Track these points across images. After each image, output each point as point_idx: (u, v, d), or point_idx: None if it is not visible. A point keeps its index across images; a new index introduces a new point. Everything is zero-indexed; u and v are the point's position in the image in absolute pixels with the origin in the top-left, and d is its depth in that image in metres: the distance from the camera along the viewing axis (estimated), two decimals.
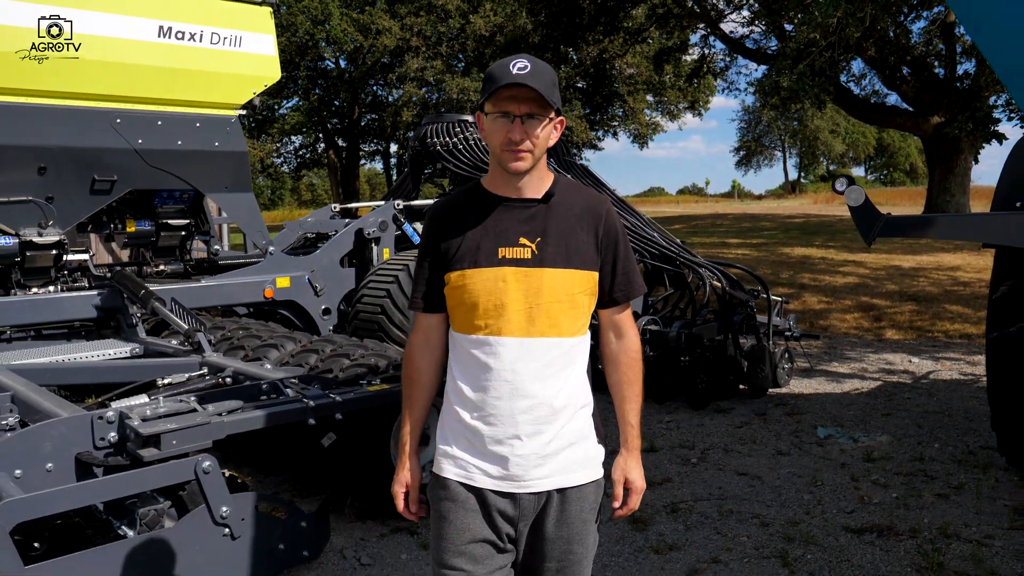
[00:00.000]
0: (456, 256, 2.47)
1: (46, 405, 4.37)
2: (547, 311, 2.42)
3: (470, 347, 2.47)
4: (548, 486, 2.46)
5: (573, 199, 2.54)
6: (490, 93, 2.37)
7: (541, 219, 2.47)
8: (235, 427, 4.24)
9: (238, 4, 7.49)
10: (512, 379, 2.42)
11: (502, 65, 2.38)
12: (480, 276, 2.43)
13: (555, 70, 2.45)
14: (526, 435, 2.43)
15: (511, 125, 2.37)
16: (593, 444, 2.58)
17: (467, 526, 2.47)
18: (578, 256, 2.45)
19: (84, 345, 6.50)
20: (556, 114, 2.44)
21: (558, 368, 2.46)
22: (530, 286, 2.42)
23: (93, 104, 6.71)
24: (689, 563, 4.60)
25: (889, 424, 7.16)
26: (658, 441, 6.80)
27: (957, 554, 4.61)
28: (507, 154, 2.40)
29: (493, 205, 2.50)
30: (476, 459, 2.48)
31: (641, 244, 9.09)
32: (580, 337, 2.52)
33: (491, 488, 2.46)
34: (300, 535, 4.44)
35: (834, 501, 5.46)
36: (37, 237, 6.59)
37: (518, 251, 2.43)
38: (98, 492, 3.78)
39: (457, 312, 2.51)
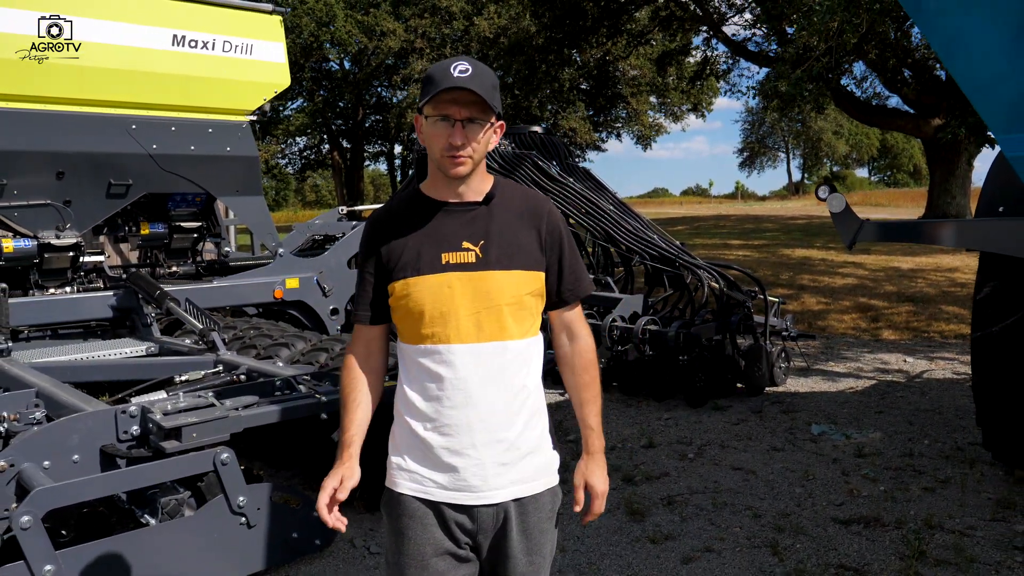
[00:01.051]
0: (399, 265, 2.41)
1: (71, 400, 4.60)
2: (495, 315, 2.37)
3: (419, 357, 2.42)
4: (506, 496, 2.41)
5: (514, 199, 2.50)
6: (430, 96, 2.31)
7: (483, 221, 2.42)
8: (251, 421, 4.47)
9: (249, 13, 7.72)
10: (464, 387, 2.36)
11: (442, 68, 2.32)
12: (425, 284, 2.37)
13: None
14: (482, 444, 2.38)
15: (451, 129, 2.32)
16: (549, 450, 2.53)
17: (426, 540, 2.41)
18: (522, 256, 2.41)
19: (101, 344, 6.72)
20: (497, 118, 2.39)
21: (511, 373, 2.41)
22: (476, 290, 2.36)
23: (110, 111, 6.94)
24: (683, 552, 4.81)
25: (881, 421, 7.37)
26: (656, 437, 7.01)
27: (940, 543, 4.82)
28: (447, 159, 2.34)
29: (433, 210, 2.44)
30: (431, 471, 2.41)
31: (641, 246, 9.31)
32: (531, 339, 2.48)
33: (447, 501, 2.40)
34: (313, 524, 4.66)
35: (824, 494, 5.67)
36: (55, 239, 6.81)
37: (462, 255, 2.38)
38: (123, 481, 4.01)
39: (404, 323, 2.45)
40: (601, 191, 10.46)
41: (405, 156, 48.39)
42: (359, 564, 4.72)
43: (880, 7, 13.46)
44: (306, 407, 4.74)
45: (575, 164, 11.08)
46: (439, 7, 37.15)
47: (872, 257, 19.24)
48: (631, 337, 8.31)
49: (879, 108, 28.14)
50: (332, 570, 4.66)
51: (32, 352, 6.40)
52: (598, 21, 28.77)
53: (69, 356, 6.23)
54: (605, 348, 8.51)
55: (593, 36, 30.13)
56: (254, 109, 7.87)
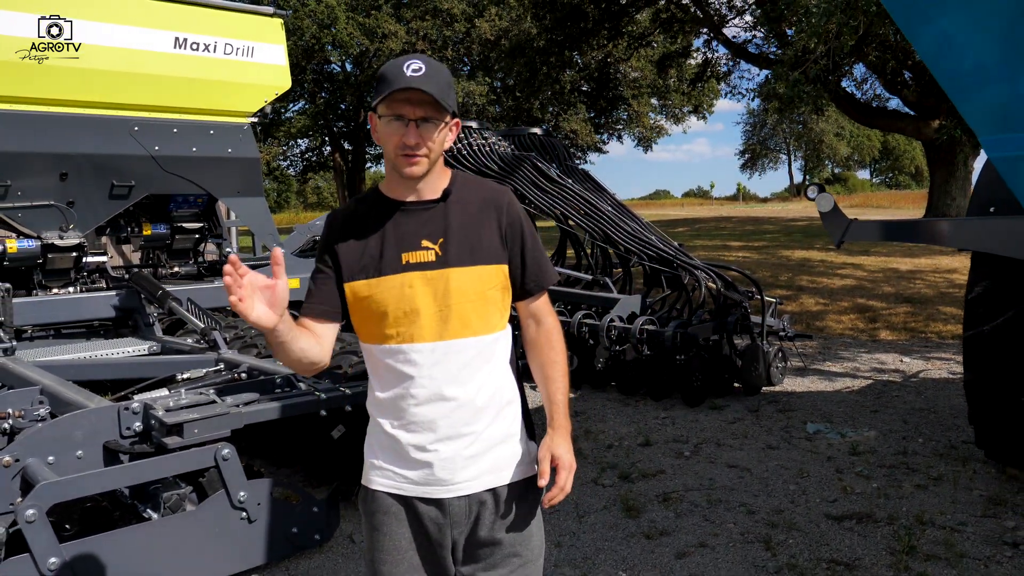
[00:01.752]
0: (360, 266, 2.39)
1: (75, 397, 4.67)
2: (458, 312, 2.36)
3: (383, 357, 2.41)
4: (477, 487, 2.42)
5: (472, 194, 2.47)
6: (383, 96, 2.28)
7: (441, 219, 2.41)
8: (252, 417, 4.54)
9: (250, 16, 7.80)
10: (429, 384, 2.36)
11: (395, 66, 2.29)
12: (386, 284, 2.36)
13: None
14: (448, 438, 2.38)
15: (405, 129, 2.29)
16: (524, 440, 2.53)
17: (401, 535, 2.44)
18: (483, 251, 2.39)
19: (103, 343, 6.79)
20: (452, 117, 2.37)
21: (476, 368, 2.40)
22: (438, 288, 2.36)
23: (112, 113, 7.01)
24: (678, 547, 4.88)
25: (876, 420, 7.44)
26: (653, 436, 7.08)
27: (930, 539, 4.89)
28: (401, 159, 2.32)
29: (392, 210, 2.43)
30: (401, 468, 2.43)
31: (639, 247, 9.39)
32: (497, 333, 2.47)
33: (418, 496, 2.42)
34: (312, 520, 4.74)
35: (818, 491, 5.74)
36: (58, 240, 6.88)
37: (421, 254, 2.37)
38: (127, 476, 4.09)
39: (366, 323, 2.43)
40: (600, 192, 10.54)
41: None
42: (358, 559, 4.79)
43: (877, 9, 13.54)
44: (306, 404, 4.81)
45: (574, 166, 11.17)
46: (440, 9, 37.24)
47: (871, 258, 19.31)
48: (629, 337, 8.38)
49: (879, 110, 28.21)
50: (331, 564, 4.73)
51: (36, 351, 6.48)
52: (599, 23, 28.85)
53: (72, 355, 6.31)
54: (603, 348, 8.59)
55: (594, 38, 30.21)
56: (255, 111, 7.95)
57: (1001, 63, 3.00)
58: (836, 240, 5.24)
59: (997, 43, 2.99)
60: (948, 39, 3.08)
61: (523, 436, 2.53)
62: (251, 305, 2.13)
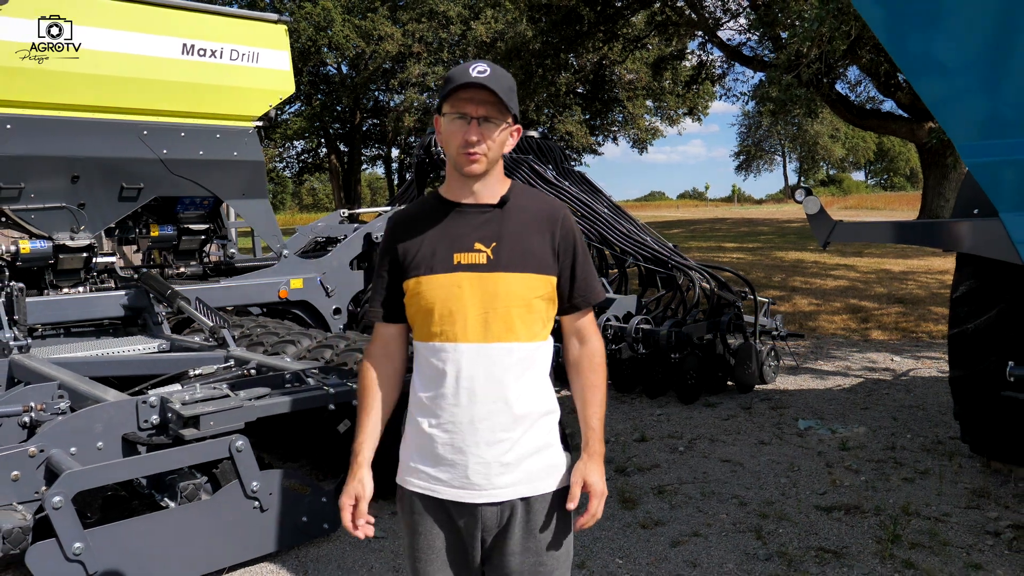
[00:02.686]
0: (413, 263, 2.45)
1: (93, 392, 4.86)
2: (503, 316, 2.39)
3: (428, 355, 2.45)
4: (511, 495, 2.43)
5: (529, 204, 2.52)
6: (447, 93, 2.37)
7: (496, 223, 2.45)
8: (265, 410, 4.73)
9: (255, 22, 7.99)
10: (469, 386, 2.39)
11: (461, 68, 2.37)
12: (436, 282, 2.41)
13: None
14: (485, 442, 2.40)
15: (468, 127, 2.36)
16: (559, 452, 2.54)
17: (436, 535, 2.48)
18: (534, 260, 2.42)
19: (114, 341, 6.96)
20: (514, 121, 2.44)
21: (516, 374, 2.42)
22: (486, 291, 2.39)
23: (122, 117, 7.19)
24: (672, 536, 5.07)
25: (866, 417, 7.64)
26: (649, 432, 7.28)
27: (915, 529, 5.09)
28: (463, 157, 2.38)
29: (449, 211, 2.48)
30: (436, 470, 2.45)
31: (635, 248, 9.58)
32: (539, 343, 2.49)
33: (452, 499, 2.44)
34: (321, 510, 4.93)
35: (808, 484, 5.93)
36: (69, 241, 7.05)
37: (473, 256, 2.41)
38: (146, 466, 4.28)
39: (415, 320, 2.49)
40: (596, 194, 10.72)
41: (402, 160, 48.66)
42: (364, 547, 4.97)
43: None
44: (315, 398, 5.00)
45: (571, 168, 11.34)
46: (436, 12, 37.35)
47: (864, 260, 19.54)
48: (625, 336, 8.57)
49: (873, 112, 28.38)
50: (338, 553, 4.91)
51: (48, 349, 6.65)
52: (594, 26, 28.99)
53: (84, 352, 6.48)
54: None
55: (589, 41, 30.37)
56: (260, 115, 8.13)
57: (975, 75, 3.19)
58: (822, 241, 5.46)
59: (972, 57, 3.18)
60: (926, 52, 3.27)
61: (559, 447, 2.54)
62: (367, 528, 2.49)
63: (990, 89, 3.23)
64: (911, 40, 3.31)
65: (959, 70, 3.25)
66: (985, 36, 3.21)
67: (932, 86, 3.37)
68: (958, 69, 3.25)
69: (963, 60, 3.23)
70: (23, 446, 4.21)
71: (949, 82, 3.29)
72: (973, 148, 3.33)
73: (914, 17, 3.27)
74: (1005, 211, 3.42)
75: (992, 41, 3.18)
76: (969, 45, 3.23)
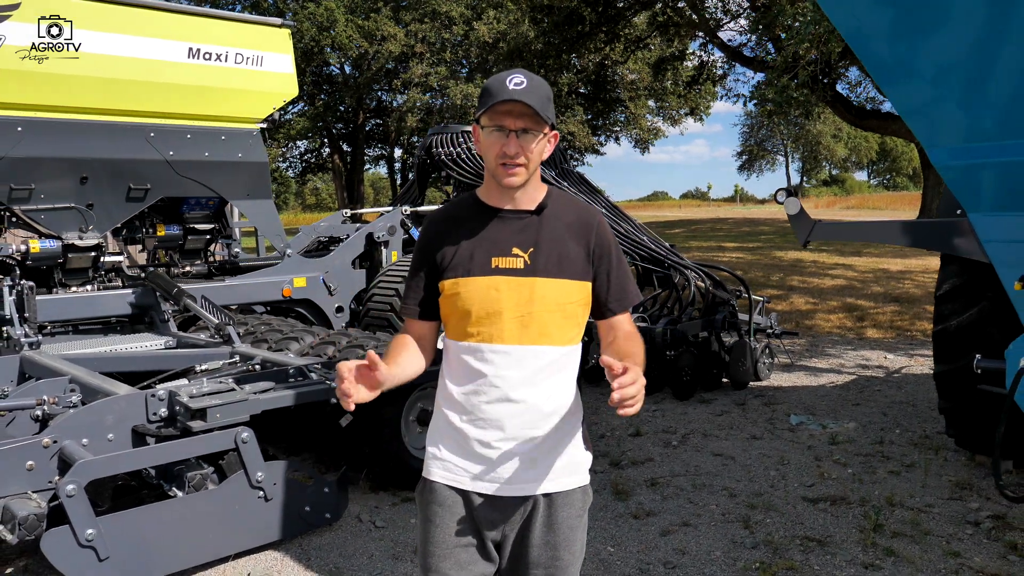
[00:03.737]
0: (450, 265, 2.51)
1: (103, 385, 5.03)
2: (539, 320, 2.45)
3: (462, 353, 2.51)
4: (535, 491, 2.51)
5: (565, 210, 2.58)
6: (487, 107, 2.41)
7: (534, 230, 2.51)
8: (269, 403, 4.92)
9: (259, 27, 8.17)
10: (502, 384, 2.46)
11: (499, 80, 2.41)
12: (473, 285, 2.47)
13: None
14: (513, 438, 2.48)
15: (506, 139, 2.40)
16: (581, 451, 2.62)
17: (454, 530, 2.52)
18: (570, 266, 2.48)
19: (122, 338, 7.14)
20: (550, 128, 2.48)
21: (547, 375, 2.49)
22: (522, 295, 2.45)
23: (130, 120, 7.37)
24: (663, 526, 5.25)
25: (857, 413, 7.81)
26: (644, 427, 7.45)
27: (898, 519, 5.26)
28: (501, 168, 2.43)
29: (487, 216, 2.54)
30: (463, 461, 2.53)
31: (631, 247, 9.75)
32: (571, 347, 2.55)
33: (477, 491, 2.51)
34: (323, 500, 5.12)
35: (797, 477, 6.11)
36: (78, 240, 7.23)
37: (511, 260, 2.47)
38: (157, 456, 4.47)
39: (451, 319, 2.55)
40: (594, 195, 10.89)
41: (405, 160, 48.78)
42: (365, 536, 5.15)
43: None
44: (318, 392, 5.18)
45: (570, 169, 11.51)
46: (439, 12, 37.52)
47: (863, 259, 19.70)
48: None
49: (873, 112, 28.47)
50: (340, 541, 5.09)
51: (58, 346, 6.82)
52: (596, 27, 29.14)
53: (95, 349, 6.66)
54: (596, 344, 8.94)
55: (591, 42, 30.51)
56: (264, 117, 8.31)
57: (941, 82, 3.36)
58: (802, 240, 5.66)
59: (938, 64, 3.35)
60: (898, 63, 3.43)
61: (583, 446, 2.62)
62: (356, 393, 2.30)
63: (955, 96, 3.40)
64: (879, 46, 3.47)
65: (926, 77, 3.41)
66: (950, 45, 3.38)
67: (900, 92, 3.54)
68: (925, 76, 3.41)
69: (929, 67, 3.40)
70: (37, 437, 4.39)
71: (916, 88, 3.46)
72: (941, 152, 3.50)
73: (880, 23, 3.44)
74: (972, 211, 3.59)
75: (956, 50, 3.35)
76: (935, 53, 3.39)
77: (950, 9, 3.32)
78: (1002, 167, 3.33)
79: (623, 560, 4.79)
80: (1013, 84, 3.26)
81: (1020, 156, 3.23)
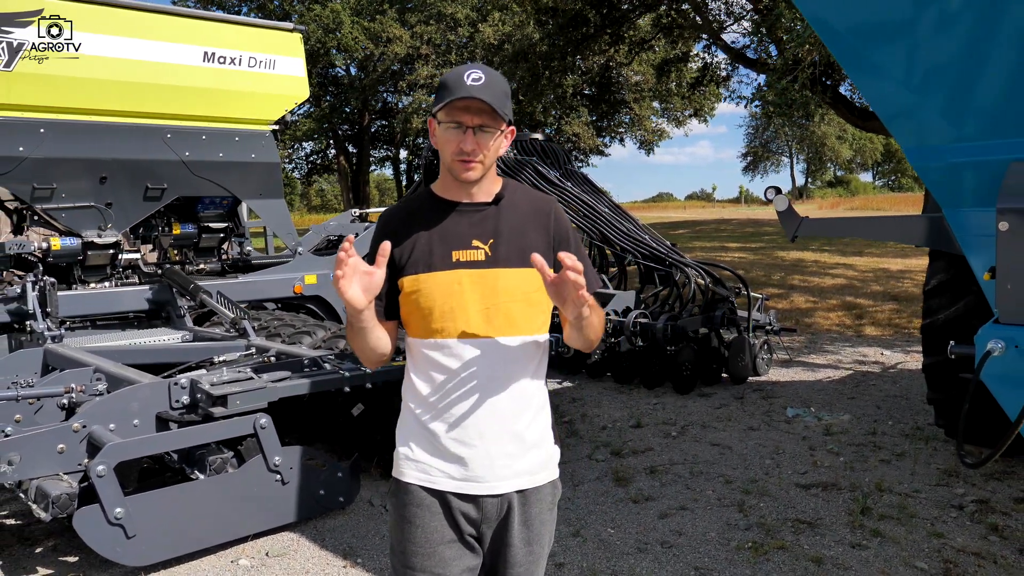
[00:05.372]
0: (410, 261, 2.46)
1: (127, 375, 5.28)
2: (504, 311, 2.43)
3: (428, 351, 2.46)
4: (511, 488, 2.47)
5: (522, 200, 2.57)
6: (444, 103, 2.37)
7: (492, 221, 2.49)
8: (286, 391, 5.16)
9: (272, 31, 8.44)
10: (473, 380, 2.42)
11: (456, 75, 2.38)
12: (435, 280, 2.43)
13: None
14: (490, 435, 2.44)
15: (463, 136, 2.38)
16: (551, 444, 2.59)
17: (434, 528, 2.47)
18: (530, 254, 2.33)
19: (140, 333, 7.39)
20: (507, 125, 2.47)
21: (518, 367, 2.47)
22: (486, 287, 2.43)
23: (147, 121, 7.63)
24: (661, 510, 5.49)
25: (852, 405, 8.04)
26: (644, 419, 7.68)
27: (886, 503, 5.50)
28: (458, 164, 2.41)
29: (445, 210, 2.51)
30: (437, 461, 2.47)
31: (634, 246, 9.99)
32: (539, 336, 2.53)
33: (453, 491, 2.46)
34: (337, 484, 5.37)
35: (791, 465, 6.34)
36: (97, 238, 7.49)
37: (472, 253, 2.45)
38: (181, 439, 4.74)
39: (413, 317, 2.49)
40: (597, 195, 11.14)
41: (410, 161, 49.08)
42: (376, 519, 5.40)
43: None
44: (332, 381, 5.42)
45: (574, 169, 11.75)
46: (444, 14, 37.82)
47: (864, 259, 19.91)
48: (623, 330, 8.98)
49: (874, 113, 28.55)
50: (353, 524, 5.35)
51: (77, 340, 7.07)
52: (600, 29, 29.32)
53: (116, 342, 6.91)
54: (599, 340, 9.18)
55: (596, 43, 30.69)
56: (276, 119, 8.58)
57: (915, 85, 3.58)
58: (789, 236, 5.91)
59: (911, 67, 3.57)
60: (878, 69, 3.65)
61: (551, 440, 2.60)
62: (349, 283, 2.25)
63: (929, 98, 3.63)
64: (864, 61, 3.70)
65: (901, 79, 3.64)
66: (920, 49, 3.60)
67: (883, 101, 3.77)
68: (900, 78, 3.64)
69: (903, 69, 3.63)
70: (68, 422, 4.64)
71: (893, 90, 3.68)
72: (917, 152, 3.73)
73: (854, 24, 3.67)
74: (946, 207, 3.82)
75: (927, 54, 3.57)
76: (907, 56, 3.62)
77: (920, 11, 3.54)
78: (973, 166, 3.57)
79: (622, 540, 5.03)
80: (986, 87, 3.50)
81: (990, 156, 3.47)
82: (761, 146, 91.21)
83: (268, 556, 4.94)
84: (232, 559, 4.90)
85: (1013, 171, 3.42)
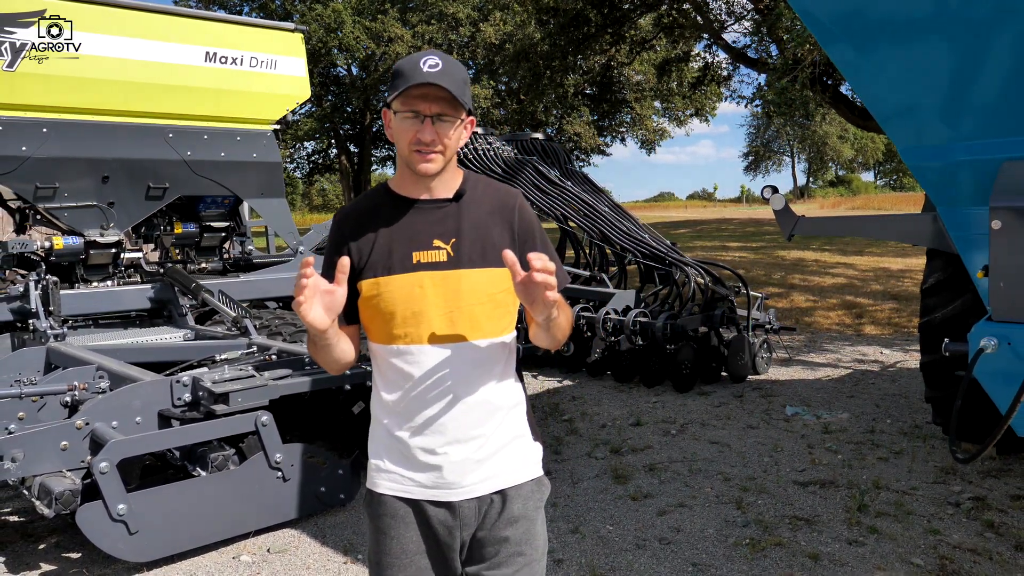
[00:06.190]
0: (368, 264, 2.34)
1: (129, 373, 5.32)
2: (468, 314, 2.33)
3: (391, 357, 2.36)
4: (486, 489, 2.39)
5: (484, 195, 2.44)
6: (400, 91, 2.24)
7: (454, 219, 2.37)
8: (287, 389, 5.21)
9: (273, 31, 8.49)
10: (438, 386, 2.33)
11: (412, 61, 2.25)
12: (395, 283, 2.31)
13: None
14: (457, 440, 2.35)
15: (421, 125, 2.26)
16: (529, 441, 2.50)
17: (409, 539, 2.40)
18: (495, 253, 2.30)
19: (142, 331, 7.44)
20: (467, 114, 2.34)
21: (485, 370, 2.38)
22: (448, 289, 2.31)
23: (149, 121, 7.68)
24: (659, 507, 5.53)
25: (851, 404, 8.07)
26: (644, 417, 7.72)
27: (883, 500, 5.53)
28: (416, 155, 2.28)
29: (403, 208, 2.38)
30: (409, 471, 2.38)
31: (634, 245, 10.03)
32: (505, 336, 2.43)
33: (427, 499, 2.38)
34: (338, 481, 5.41)
35: (789, 462, 6.38)
36: (99, 237, 7.53)
37: (433, 254, 2.33)
38: (183, 437, 4.78)
39: (374, 323, 2.39)
40: (597, 194, 11.19)
41: None
42: None
43: None
44: (332, 379, 5.47)
45: (574, 169, 11.79)
46: (446, 14, 37.84)
47: (864, 259, 19.93)
48: (623, 328, 9.02)
49: None
50: (353, 520, 5.39)
51: (80, 338, 7.12)
52: (601, 28, 29.36)
53: (118, 341, 6.95)
54: (599, 339, 9.24)
55: (597, 43, 30.72)
56: (278, 119, 8.62)
57: (908, 86, 3.62)
58: (786, 234, 5.95)
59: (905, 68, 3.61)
60: (872, 69, 3.70)
61: (530, 437, 2.51)
62: (311, 307, 2.16)
63: (923, 97, 3.67)
64: (861, 58, 3.74)
65: (895, 78, 3.68)
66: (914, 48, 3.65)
67: (876, 100, 3.81)
68: (894, 77, 3.68)
69: (897, 69, 3.67)
70: (71, 420, 4.69)
71: (887, 89, 3.72)
72: (911, 151, 3.77)
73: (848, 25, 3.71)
74: (940, 206, 3.86)
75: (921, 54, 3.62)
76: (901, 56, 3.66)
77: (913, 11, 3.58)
78: (967, 165, 3.61)
79: (621, 537, 5.07)
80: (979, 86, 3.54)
81: (983, 155, 3.51)
82: (763, 145, 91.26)
83: (269, 552, 4.98)
84: (233, 555, 4.94)
85: (1006, 170, 3.46)
